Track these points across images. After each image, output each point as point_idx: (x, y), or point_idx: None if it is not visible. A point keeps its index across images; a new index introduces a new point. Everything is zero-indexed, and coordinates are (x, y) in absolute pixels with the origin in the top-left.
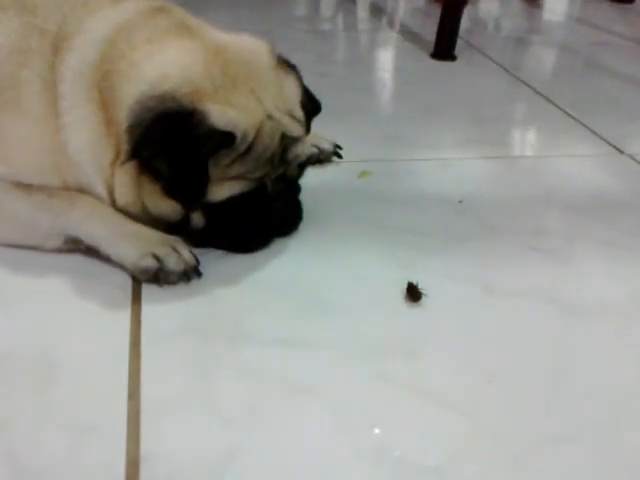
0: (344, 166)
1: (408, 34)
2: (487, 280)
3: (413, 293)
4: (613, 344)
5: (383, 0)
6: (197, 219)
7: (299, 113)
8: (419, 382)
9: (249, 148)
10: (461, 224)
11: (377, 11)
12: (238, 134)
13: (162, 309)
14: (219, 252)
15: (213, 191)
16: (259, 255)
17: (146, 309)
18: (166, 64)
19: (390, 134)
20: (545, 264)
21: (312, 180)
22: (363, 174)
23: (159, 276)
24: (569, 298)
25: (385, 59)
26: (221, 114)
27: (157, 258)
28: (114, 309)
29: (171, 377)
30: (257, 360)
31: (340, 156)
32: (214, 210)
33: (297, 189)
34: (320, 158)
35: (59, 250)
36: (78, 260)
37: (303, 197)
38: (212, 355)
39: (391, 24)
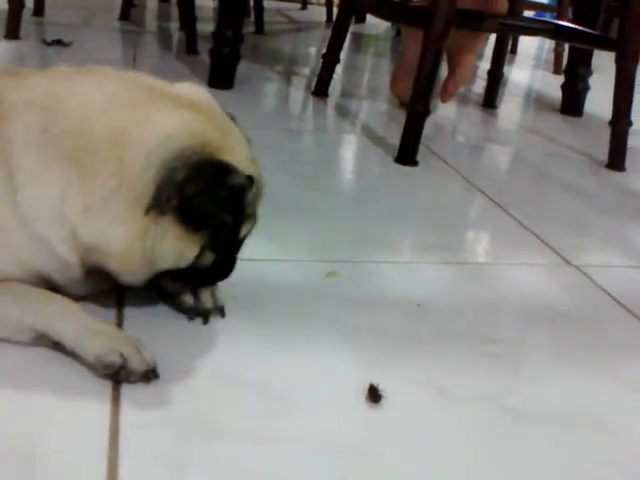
0: (312, 266)
1: (374, 137)
2: (442, 384)
3: (374, 394)
4: (553, 453)
5: (350, 102)
6: (207, 258)
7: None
8: None
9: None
10: (419, 327)
11: (345, 113)
12: (255, 177)
13: (140, 400)
14: (182, 346)
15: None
16: (227, 349)
17: (125, 399)
18: (162, 125)
19: (356, 236)
20: (496, 370)
21: (280, 278)
22: (330, 274)
23: (120, 373)
24: (517, 405)
25: (352, 161)
26: (239, 161)
27: (122, 356)
28: (93, 397)
29: (149, 474)
30: (228, 455)
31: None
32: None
33: None
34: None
35: (26, 344)
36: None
37: (269, 295)
38: (187, 450)
39: (358, 126)
